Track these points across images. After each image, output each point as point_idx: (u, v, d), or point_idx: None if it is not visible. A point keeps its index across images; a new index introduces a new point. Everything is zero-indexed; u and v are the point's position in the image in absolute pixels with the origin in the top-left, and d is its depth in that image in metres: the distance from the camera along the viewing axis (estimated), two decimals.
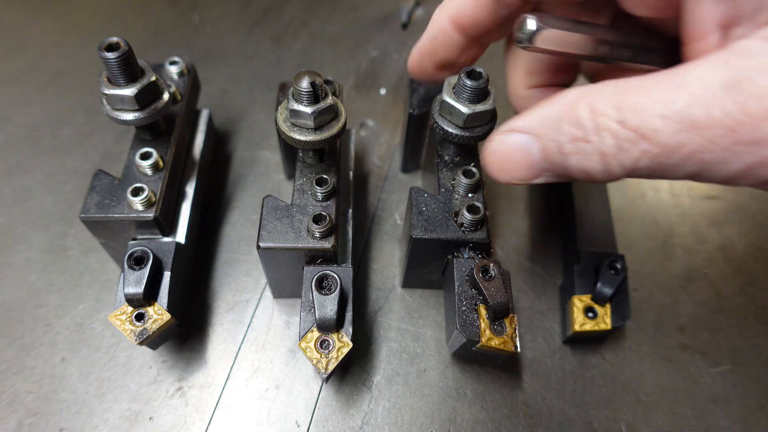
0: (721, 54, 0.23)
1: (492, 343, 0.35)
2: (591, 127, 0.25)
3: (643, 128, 0.23)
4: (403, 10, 0.74)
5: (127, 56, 0.35)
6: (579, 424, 0.40)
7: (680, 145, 0.23)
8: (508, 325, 0.35)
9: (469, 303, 0.36)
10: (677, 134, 0.23)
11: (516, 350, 0.35)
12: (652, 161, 0.24)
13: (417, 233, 0.38)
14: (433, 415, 0.40)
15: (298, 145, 0.36)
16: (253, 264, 0.48)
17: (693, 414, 0.42)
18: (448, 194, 0.40)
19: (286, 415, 0.40)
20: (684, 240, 0.52)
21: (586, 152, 0.26)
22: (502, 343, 0.35)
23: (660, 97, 0.23)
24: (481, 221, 0.38)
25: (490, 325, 0.35)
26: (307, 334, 0.35)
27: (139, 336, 0.35)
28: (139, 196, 0.37)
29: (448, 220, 0.38)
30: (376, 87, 0.64)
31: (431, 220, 0.38)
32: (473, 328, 0.35)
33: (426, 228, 0.38)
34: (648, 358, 0.44)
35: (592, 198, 0.49)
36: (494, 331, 0.35)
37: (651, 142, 0.23)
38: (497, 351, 0.35)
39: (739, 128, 0.21)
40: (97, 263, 0.47)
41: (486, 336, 0.35)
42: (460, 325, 0.35)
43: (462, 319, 0.35)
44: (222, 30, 0.69)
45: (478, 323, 0.35)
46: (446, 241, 0.38)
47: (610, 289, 0.41)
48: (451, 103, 0.37)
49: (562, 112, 0.27)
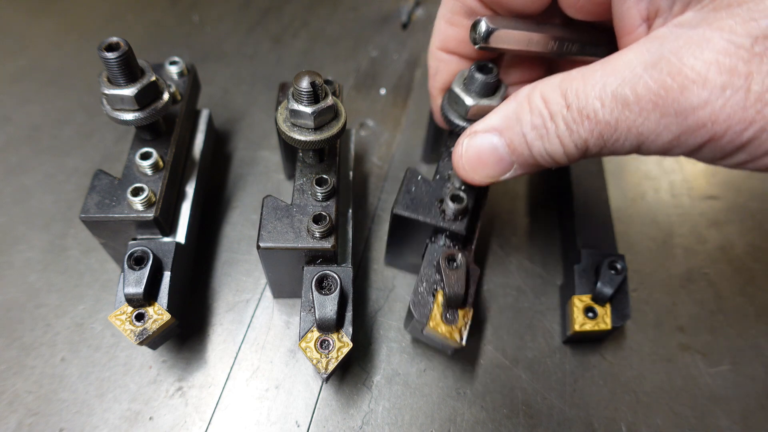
0: (643, 41, 0.26)
1: (439, 329, 0.35)
2: (546, 114, 0.29)
3: (586, 110, 0.27)
4: (403, 10, 0.74)
5: (127, 56, 0.35)
6: (579, 424, 0.40)
7: (617, 122, 0.26)
8: (460, 318, 0.36)
9: (429, 286, 0.37)
10: (613, 112, 0.26)
11: (460, 343, 0.35)
12: (598, 138, 0.27)
13: (397, 209, 0.38)
14: (433, 415, 0.40)
15: (298, 145, 0.36)
16: (253, 264, 0.48)
17: (693, 414, 0.42)
18: (441, 182, 0.40)
19: (286, 415, 0.40)
20: (684, 240, 0.52)
21: (546, 137, 0.29)
22: (449, 332, 0.35)
23: (596, 82, 0.26)
24: (462, 212, 0.38)
25: (443, 312, 0.36)
26: (307, 334, 0.35)
27: (139, 336, 0.35)
28: (139, 196, 0.37)
29: (432, 205, 0.39)
30: (376, 87, 0.64)
31: (416, 201, 0.39)
32: (424, 309, 0.36)
33: (408, 206, 0.38)
34: (648, 358, 0.44)
35: (592, 198, 0.49)
36: (445, 319, 0.35)
37: (593, 122, 0.27)
38: (443, 339, 0.35)
39: (661, 102, 0.24)
40: (97, 263, 0.47)
41: (434, 321, 0.35)
42: (413, 303, 0.36)
43: (417, 299, 0.36)
44: (222, 30, 0.69)
45: (431, 307, 0.36)
46: (423, 224, 0.38)
47: (610, 289, 0.41)
48: (458, 93, 0.37)
49: (519, 105, 0.30)
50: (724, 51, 0.23)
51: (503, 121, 0.31)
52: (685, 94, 0.24)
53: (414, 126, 0.60)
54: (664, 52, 0.25)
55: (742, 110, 0.23)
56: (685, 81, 0.24)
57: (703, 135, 0.24)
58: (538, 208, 0.54)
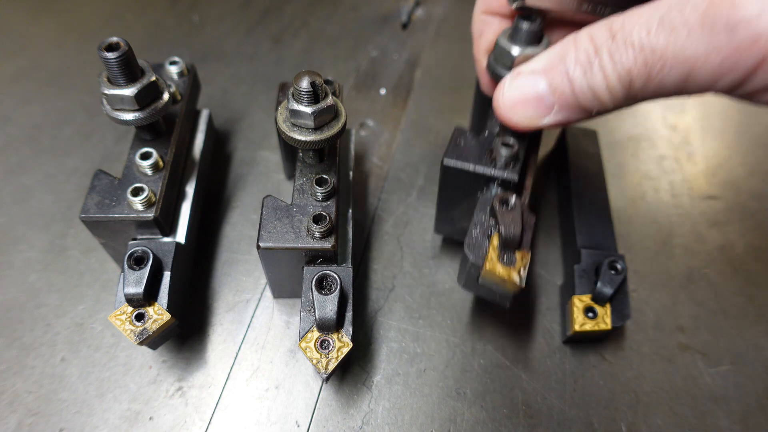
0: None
1: (497, 270, 0.33)
2: (591, 49, 0.29)
3: (631, 38, 0.27)
4: (403, 10, 0.74)
5: (127, 56, 0.35)
6: (579, 424, 0.40)
7: (663, 48, 0.25)
8: (518, 259, 0.34)
9: (483, 230, 0.35)
10: (659, 38, 0.25)
11: (520, 284, 0.33)
12: (642, 68, 0.27)
13: (447, 160, 0.38)
14: (433, 415, 0.40)
15: (298, 145, 0.36)
16: (253, 264, 0.48)
17: (693, 414, 0.42)
18: (490, 137, 0.39)
19: (286, 415, 0.40)
20: (684, 240, 0.52)
21: (589, 72, 0.29)
22: (507, 273, 0.33)
23: (642, 12, 0.26)
24: (514, 158, 0.37)
25: (500, 255, 0.34)
26: (307, 334, 0.35)
27: (139, 336, 0.35)
28: (139, 196, 0.37)
29: (483, 156, 0.38)
30: (376, 87, 0.64)
31: (466, 153, 0.38)
32: (480, 251, 0.34)
33: (458, 156, 0.38)
34: (648, 358, 0.44)
35: (592, 198, 0.49)
36: (501, 261, 0.34)
37: (638, 49, 0.26)
38: (501, 282, 0.34)
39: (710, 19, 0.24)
40: (97, 263, 0.47)
41: (491, 262, 0.34)
42: (468, 246, 0.35)
43: (471, 241, 0.35)
44: (222, 30, 0.69)
45: (487, 249, 0.34)
46: (475, 174, 0.37)
47: (610, 289, 0.41)
48: (503, 45, 0.37)
49: (564, 46, 0.30)
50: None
51: (547, 62, 0.31)
52: (735, 7, 0.23)
53: (414, 126, 0.60)
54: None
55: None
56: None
57: (756, 53, 0.23)
58: (538, 208, 0.54)
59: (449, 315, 0.45)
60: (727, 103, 0.66)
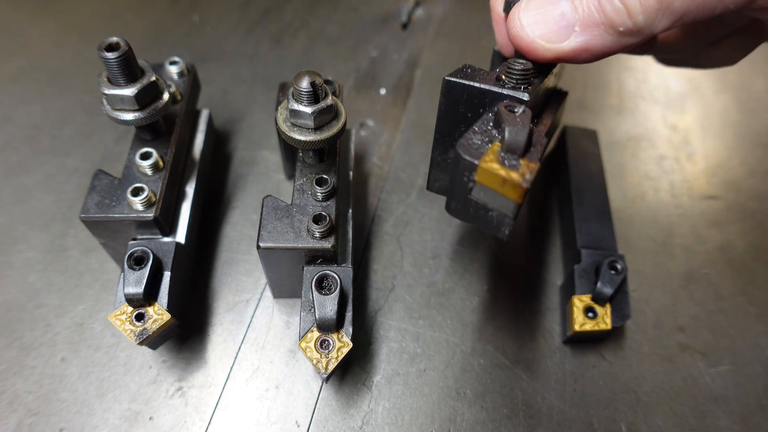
0: None
1: (495, 168, 0.26)
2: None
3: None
4: (403, 10, 0.74)
5: (127, 56, 0.35)
6: (579, 424, 0.40)
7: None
8: (524, 165, 0.27)
9: (484, 137, 0.29)
10: None
11: (522, 186, 0.26)
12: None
13: (449, 77, 0.33)
14: (433, 415, 0.40)
15: (298, 145, 0.36)
16: (253, 264, 0.48)
17: (693, 414, 0.42)
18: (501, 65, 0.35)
19: (286, 415, 0.40)
20: (684, 240, 0.52)
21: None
22: (507, 173, 0.26)
23: None
24: (526, 74, 0.32)
25: (500, 157, 0.27)
26: (307, 334, 0.35)
27: (139, 336, 0.35)
28: (139, 196, 0.37)
29: (491, 76, 0.33)
30: (376, 87, 0.64)
31: (472, 75, 0.33)
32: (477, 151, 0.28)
33: (465, 76, 0.33)
34: (648, 358, 0.44)
35: (592, 198, 0.49)
36: (502, 162, 0.27)
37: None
38: (499, 188, 0.27)
39: None
40: (97, 263, 0.47)
41: (488, 159, 0.27)
42: (461, 145, 0.28)
43: (467, 142, 0.28)
44: (222, 30, 0.69)
45: (485, 149, 0.28)
46: (480, 91, 0.32)
47: (610, 289, 0.41)
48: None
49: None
50: None
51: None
52: None
53: (414, 126, 0.60)
54: None
55: None
56: None
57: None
58: (537, 208, 0.54)
59: (449, 315, 0.45)
60: (727, 103, 0.66)
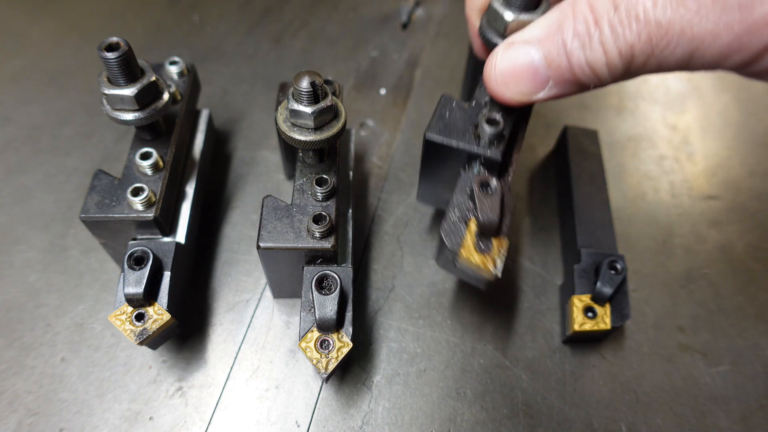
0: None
1: (472, 258, 0.33)
2: (591, 19, 0.26)
3: (635, 9, 0.24)
4: (403, 10, 0.74)
5: (127, 56, 0.35)
6: (579, 424, 0.40)
7: (670, 22, 0.23)
8: (495, 247, 0.33)
9: (462, 214, 0.34)
10: (666, 11, 0.23)
11: (495, 273, 0.32)
12: (645, 43, 0.24)
13: (430, 134, 0.36)
14: (433, 415, 0.40)
15: (298, 145, 0.36)
16: (253, 264, 0.48)
17: (693, 414, 0.42)
18: (477, 108, 0.38)
19: (286, 415, 0.40)
20: (684, 240, 0.52)
21: (588, 45, 0.26)
22: (482, 261, 0.32)
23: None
24: (498, 137, 0.36)
25: (476, 241, 0.33)
26: (307, 334, 0.35)
27: (139, 336, 0.35)
28: (139, 196, 0.37)
29: (467, 131, 0.37)
30: (376, 87, 0.64)
31: (449, 126, 0.37)
32: (456, 238, 0.33)
33: (441, 131, 0.36)
34: (648, 358, 0.44)
35: (592, 198, 0.49)
36: (478, 249, 0.33)
37: (642, 23, 0.24)
38: (477, 269, 0.33)
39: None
40: (97, 263, 0.47)
41: (467, 250, 0.33)
42: (445, 231, 0.34)
43: (449, 227, 0.34)
44: (222, 30, 0.69)
45: (463, 234, 0.33)
46: (456, 150, 0.36)
47: (610, 289, 0.41)
48: (497, 9, 0.35)
49: (562, 13, 0.28)
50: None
51: (543, 31, 0.28)
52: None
53: (414, 126, 0.60)
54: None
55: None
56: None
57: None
58: (538, 208, 0.54)
59: (449, 315, 0.45)
60: (727, 103, 0.65)
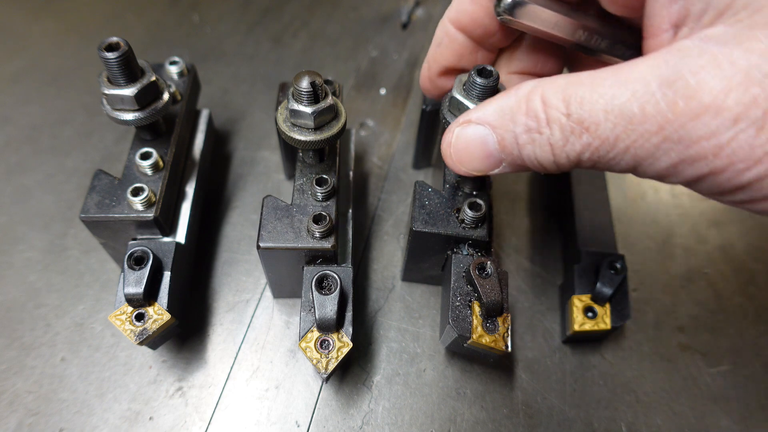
0: (664, 52, 0.24)
1: (483, 340, 0.35)
2: (543, 118, 0.26)
3: (587, 121, 0.24)
4: (403, 10, 0.74)
5: (127, 56, 0.35)
6: (579, 424, 0.40)
7: (617, 139, 0.24)
8: (500, 324, 0.36)
9: (463, 299, 0.36)
10: (615, 129, 0.24)
11: (506, 350, 0.35)
12: (593, 153, 0.25)
13: (417, 226, 0.38)
14: (433, 415, 0.40)
15: (298, 145, 0.36)
16: (253, 264, 0.48)
17: (693, 414, 0.42)
18: (452, 190, 0.40)
19: (286, 415, 0.40)
20: (684, 240, 0.52)
21: (538, 143, 0.27)
22: (493, 341, 0.35)
23: (604, 92, 0.24)
24: (482, 219, 0.38)
25: (483, 322, 0.36)
26: (307, 334, 0.35)
27: (139, 336, 0.35)
28: (139, 196, 0.37)
29: (450, 216, 0.39)
30: (376, 87, 0.64)
31: (433, 215, 0.39)
32: (465, 324, 0.35)
33: (426, 222, 0.38)
34: (648, 358, 0.44)
35: (592, 198, 0.49)
36: (486, 329, 0.35)
37: (592, 135, 0.25)
38: (488, 349, 0.35)
39: (668, 126, 0.22)
40: (97, 263, 0.47)
41: (477, 333, 0.35)
42: (453, 319, 0.35)
43: (455, 314, 0.36)
44: (222, 30, 0.69)
45: (471, 319, 0.35)
46: (446, 236, 0.38)
47: (609, 289, 0.41)
48: (460, 100, 0.37)
49: (517, 103, 0.28)
50: (748, 78, 0.21)
51: (498, 116, 0.29)
52: (694, 122, 0.22)
53: (414, 126, 0.60)
54: (683, 69, 0.22)
55: (750, 148, 0.21)
56: (697, 107, 0.21)
57: (702, 168, 0.23)
58: (537, 209, 0.54)
59: None
60: None
